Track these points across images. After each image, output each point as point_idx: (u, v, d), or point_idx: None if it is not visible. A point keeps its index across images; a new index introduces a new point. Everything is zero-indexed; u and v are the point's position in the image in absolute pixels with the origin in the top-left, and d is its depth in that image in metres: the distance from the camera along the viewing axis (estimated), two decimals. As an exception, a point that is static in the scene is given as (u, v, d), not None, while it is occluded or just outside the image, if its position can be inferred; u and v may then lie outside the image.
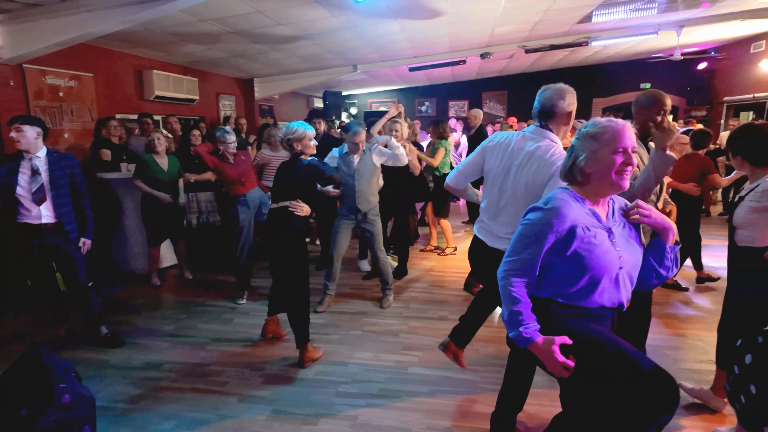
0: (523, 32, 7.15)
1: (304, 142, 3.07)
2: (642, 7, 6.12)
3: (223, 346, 3.37)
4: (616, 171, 1.47)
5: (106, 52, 5.81)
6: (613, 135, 1.47)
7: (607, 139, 1.47)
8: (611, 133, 1.47)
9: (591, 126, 1.52)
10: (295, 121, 3.14)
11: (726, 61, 9.88)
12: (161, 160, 4.45)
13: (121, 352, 3.31)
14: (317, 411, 2.57)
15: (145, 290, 4.61)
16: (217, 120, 8.03)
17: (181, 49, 6.20)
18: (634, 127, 1.53)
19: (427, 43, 7.33)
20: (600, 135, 1.49)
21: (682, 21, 7.06)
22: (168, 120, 5.81)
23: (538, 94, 2.21)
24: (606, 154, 1.47)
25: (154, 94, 6.40)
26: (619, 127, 1.47)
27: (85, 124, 5.45)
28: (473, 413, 2.54)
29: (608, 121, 1.50)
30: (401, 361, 3.11)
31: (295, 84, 9.15)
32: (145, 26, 4.95)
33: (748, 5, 6.45)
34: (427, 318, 3.83)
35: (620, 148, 1.46)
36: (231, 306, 4.14)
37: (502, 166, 2.23)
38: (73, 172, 3.19)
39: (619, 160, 1.46)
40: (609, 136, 1.47)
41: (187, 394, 2.75)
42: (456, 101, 12.90)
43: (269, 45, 6.32)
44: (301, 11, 4.94)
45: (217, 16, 4.90)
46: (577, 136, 1.55)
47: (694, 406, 2.56)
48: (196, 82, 7.28)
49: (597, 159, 1.49)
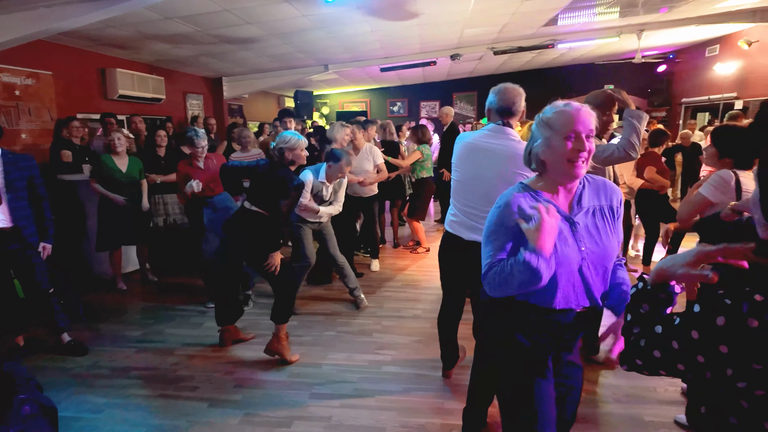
0: (492, 34, 7.28)
1: (296, 152, 3.07)
2: (605, 11, 6.33)
3: (193, 351, 3.30)
4: (568, 158, 1.37)
5: (66, 50, 5.60)
6: (566, 120, 1.37)
7: (560, 124, 1.38)
8: (564, 118, 1.38)
9: (547, 111, 1.43)
10: (288, 131, 3.21)
11: (683, 64, 10.32)
12: (120, 161, 4.31)
13: (85, 359, 3.19)
14: (291, 413, 2.56)
15: (110, 295, 4.46)
16: (184, 120, 7.84)
17: (146, 48, 6.03)
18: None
19: (398, 43, 7.37)
20: (553, 120, 1.40)
21: (642, 25, 7.33)
22: (132, 120, 5.64)
23: (496, 93, 2.28)
24: (558, 140, 1.38)
25: (117, 93, 6.19)
26: (572, 111, 1.37)
27: (44, 124, 5.24)
28: (446, 410, 2.57)
29: (564, 105, 1.41)
30: (375, 361, 3.12)
31: (264, 83, 9.03)
32: (107, 23, 4.79)
33: (703, 11, 6.76)
34: (400, 317, 3.85)
35: (572, 133, 1.36)
36: (200, 310, 4.06)
37: (475, 165, 2.27)
38: (31, 174, 3.05)
39: (569, 146, 1.36)
40: (562, 120, 1.38)
41: (155, 401, 2.69)
42: (427, 102, 13.02)
43: (238, 44, 6.22)
44: (270, 10, 4.88)
45: (184, 14, 4.79)
46: (536, 122, 1.47)
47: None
48: (162, 80, 7.09)
49: (550, 146, 1.39)
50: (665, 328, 0.95)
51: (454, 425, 2.43)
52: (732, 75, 8.50)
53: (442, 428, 2.42)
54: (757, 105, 7.71)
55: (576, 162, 1.37)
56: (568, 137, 1.36)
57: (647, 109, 11.19)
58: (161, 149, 4.81)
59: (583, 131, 1.36)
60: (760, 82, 7.82)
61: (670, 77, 10.79)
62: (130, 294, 4.52)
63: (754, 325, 0.78)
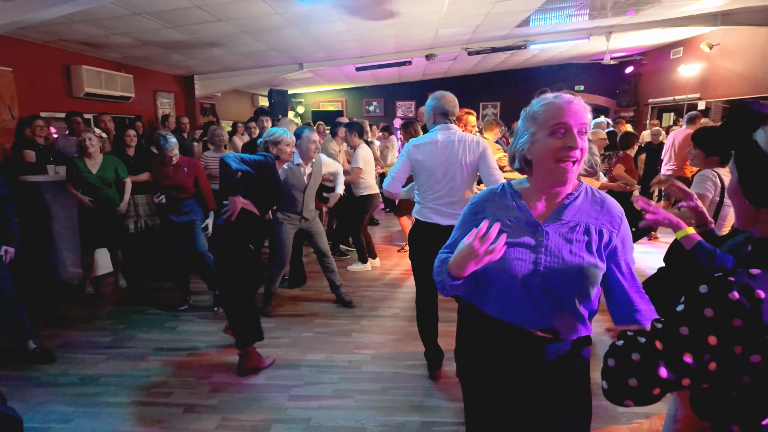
0: (466, 35, 7.36)
1: (280, 146, 3.05)
2: (575, 13, 6.48)
3: (166, 356, 3.22)
4: (556, 157, 1.18)
5: (28, 45, 5.37)
6: (555, 112, 1.18)
7: (548, 118, 1.18)
8: (552, 110, 1.18)
9: (534, 103, 1.25)
10: (275, 127, 3.15)
11: (650, 66, 10.66)
12: (91, 162, 4.17)
13: (51, 367, 3.07)
14: (269, 416, 2.52)
15: (78, 300, 4.31)
16: (154, 119, 7.64)
17: (114, 44, 5.85)
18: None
19: (374, 43, 7.36)
20: (539, 113, 1.21)
21: (611, 27, 7.54)
22: (101, 118, 5.46)
23: (440, 98, 2.67)
24: (545, 136, 1.19)
25: (84, 91, 5.98)
26: (562, 103, 1.18)
27: (4, 123, 5.01)
28: (426, 407, 2.58)
29: (554, 96, 1.21)
30: (354, 361, 3.11)
31: (238, 81, 8.88)
32: (71, 18, 4.61)
33: (668, 15, 7.00)
34: (378, 316, 3.85)
35: (561, 127, 1.17)
36: (174, 314, 3.96)
37: (441, 159, 2.58)
38: None
39: (558, 143, 1.17)
40: (550, 113, 1.18)
41: (127, 408, 2.60)
42: (403, 101, 13.07)
43: (209, 41, 6.10)
44: (242, 7, 4.80)
45: (153, 10, 4.66)
46: (522, 117, 1.29)
47: None
48: (131, 78, 6.88)
49: (536, 142, 1.21)
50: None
51: (434, 422, 2.44)
52: (695, 77, 8.83)
53: (422, 425, 2.43)
54: (719, 105, 8.03)
55: (565, 162, 1.18)
56: (556, 132, 1.18)
57: (616, 109, 11.53)
58: (131, 149, 4.68)
59: (574, 126, 1.16)
60: (721, 84, 8.14)
61: (637, 78, 11.13)
62: (99, 299, 4.37)
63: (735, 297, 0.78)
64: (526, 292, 1.24)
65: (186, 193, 3.89)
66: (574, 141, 1.16)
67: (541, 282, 1.22)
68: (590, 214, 1.25)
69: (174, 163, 3.78)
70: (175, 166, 3.80)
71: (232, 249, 2.90)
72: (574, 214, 1.25)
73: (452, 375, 2.89)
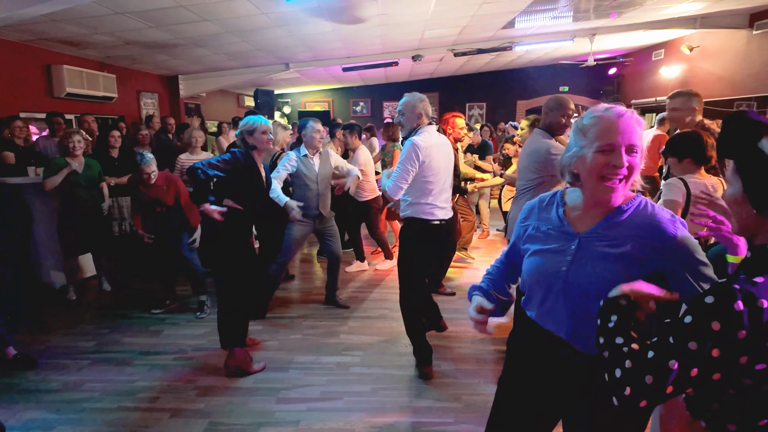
0: (452, 36, 7.39)
1: (255, 135, 2.82)
2: (559, 15, 6.55)
3: (152, 360, 3.18)
4: (599, 174, 1.15)
5: (6, 44, 5.24)
6: (603, 128, 1.14)
7: (595, 133, 1.15)
8: (601, 126, 1.15)
9: (585, 116, 1.21)
10: (251, 115, 2.97)
11: (632, 67, 10.82)
12: (74, 163, 4.09)
13: (33, 374, 3.00)
14: (257, 420, 2.50)
15: (60, 305, 4.22)
16: (138, 119, 7.52)
17: (96, 44, 5.74)
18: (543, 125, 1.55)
19: (360, 43, 7.35)
20: (587, 128, 1.17)
21: (594, 29, 7.64)
22: (84, 119, 5.36)
23: (425, 101, 2.87)
24: (590, 152, 1.16)
25: (65, 91, 5.86)
26: (612, 118, 1.14)
27: (-18, 124, 4.89)
28: (415, 408, 2.59)
29: (605, 109, 1.17)
30: (342, 363, 3.10)
31: (223, 82, 8.79)
32: (52, 17, 4.52)
33: (649, 17, 7.12)
34: (366, 317, 3.85)
35: (606, 145, 1.13)
36: (160, 317, 3.91)
37: (445, 160, 2.84)
38: None
39: (602, 160, 1.14)
40: (598, 128, 1.15)
41: (113, 414, 2.56)
42: (390, 102, 13.06)
43: (194, 41, 6.03)
44: (228, 6, 4.75)
45: (136, 10, 4.58)
46: (573, 128, 1.25)
47: None
48: (113, 78, 6.76)
49: (581, 157, 1.18)
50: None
51: (423, 423, 2.45)
52: (676, 78, 8.99)
53: (412, 426, 2.43)
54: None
55: (610, 180, 1.14)
56: (602, 150, 1.14)
57: (600, 110, 11.68)
58: (114, 150, 4.60)
59: (622, 143, 1.12)
60: (701, 85, 8.30)
61: (620, 80, 11.29)
62: (82, 303, 4.29)
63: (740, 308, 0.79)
64: (552, 299, 1.26)
65: (165, 207, 3.84)
66: (619, 160, 1.12)
67: (565, 290, 1.23)
68: (638, 231, 1.17)
69: (152, 181, 3.70)
70: (153, 184, 3.73)
71: (228, 250, 2.88)
72: (618, 229, 1.19)
73: (442, 374, 2.90)
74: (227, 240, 2.86)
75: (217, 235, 2.86)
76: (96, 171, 4.24)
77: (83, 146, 4.12)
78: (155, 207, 3.79)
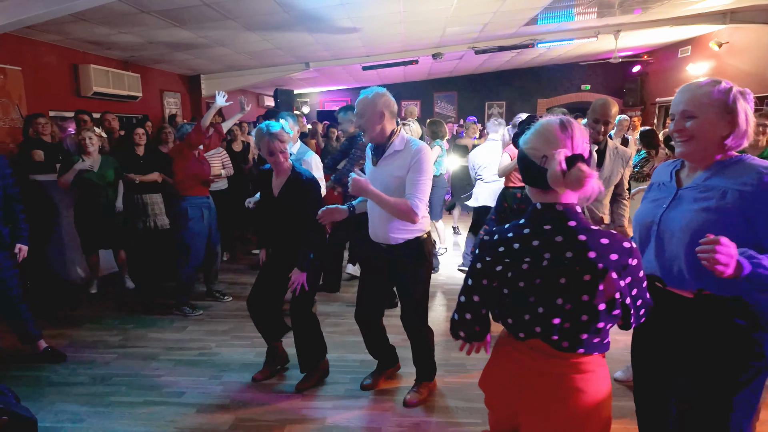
0: (474, 33, 7.31)
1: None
2: (583, 11, 6.43)
3: (177, 356, 3.20)
4: (672, 138, 1.50)
5: (35, 44, 5.36)
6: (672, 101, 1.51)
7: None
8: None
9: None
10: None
11: (657, 65, 10.59)
12: (89, 160, 4.15)
13: (62, 367, 3.05)
14: (283, 417, 2.49)
15: (85, 300, 4.29)
16: (161, 118, 7.63)
17: (120, 43, 5.83)
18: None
19: (381, 41, 7.33)
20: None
21: (619, 25, 7.48)
22: (105, 117, 5.43)
23: (393, 95, 2.48)
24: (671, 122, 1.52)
25: (92, 90, 5.96)
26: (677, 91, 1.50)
27: (12, 122, 5.00)
28: (440, 407, 2.55)
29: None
30: (366, 360, 3.06)
31: (243, 81, 8.86)
32: (78, 17, 4.60)
33: (676, 13, 6.94)
34: (387, 316, 3.79)
35: (671, 114, 1.50)
36: (183, 313, 3.93)
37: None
38: (4, 173, 2.90)
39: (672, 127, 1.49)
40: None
41: (140, 408, 2.58)
42: (408, 101, 13.00)
43: (216, 40, 6.08)
44: (250, 5, 4.78)
45: (160, 8, 4.63)
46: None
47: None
48: (138, 78, 6.87)
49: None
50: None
51: (450, 422, 2.41)
52: (703, 75, 8.77)
53: (437, 426, 2.40)
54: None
55: (677, 142, 1.46)
56: (671, 117, 1.47)
57: (622, 109, 11.45)
58: (140, 148, 4.65)
59: (676, 112, 1.44)
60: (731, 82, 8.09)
61: (644, 77, 11.05)
62: (107, 299, 4.35)
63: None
64: (648, 239, 1.50)
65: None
66: (677, 125, 1.43)
67: (657, 233, 1.46)
68: (733, 179, 1.35)
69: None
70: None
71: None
72: (713, 180, 1.39)
73: (470, 374, 2.86)
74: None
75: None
76: (109, 168, 4.26)
77: (96, 143, 4.17)
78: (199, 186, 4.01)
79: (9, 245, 2.93)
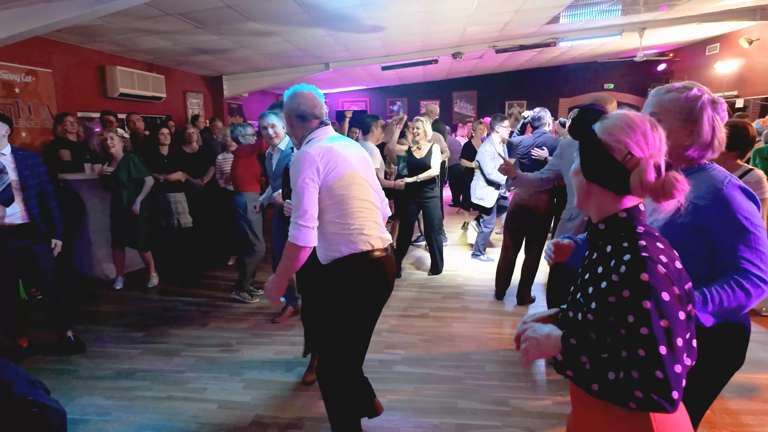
0: (494, 32, 7.24)
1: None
2: (607, 9, 6.31)
3: (200, 352, 3.25)
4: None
5: (64, 47, 5.52)
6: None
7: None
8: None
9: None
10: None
11: (683, 63, 10.32)
12: (113, 160, 4.26)
13: (87, 361, 3.13)
14: (302, 414, 2.51)
15: (109, 296, 4.40)
16: (184, 119, 7.77)
17: (145, 45, 5.96)
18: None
19: (400, 41, 7.32)
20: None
21: (644, 23, 7.31)
22: (130, 118, 5.57)
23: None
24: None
25: (118, 91, 6.12)
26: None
27: (43, 122, 5.16)
28: (460, 409, 2.53)
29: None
30: (385, 360, 3.07)
31: (264, 82, 8.95)
32: (105, 20, 4.72)
33: (704, 9, 6.75)
34: (407, 316, 3.81)
35: None
36: (205, 310, 4.00)
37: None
38: (40, 171, 3.07)
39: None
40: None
41: (163, 403, 2.63)
42: (427, 101, 12.96)
43: (237, 41, 6.16)
44: (271, 6, 4.83)
45: (184, 11, 4.72)
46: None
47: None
48: (162, 79, 7.01)
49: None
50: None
51: (468, 425, 2.39)
52: (732, 73, 8.50)
53: (457, 428, 2.38)
54: (757, 103, 7.72)
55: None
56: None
57: (647, 108, 11.20)
58: (164, 147, 4.75)
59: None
60: (760, 81, 7.82)
61: (670, 76, 10.78)
62: (130, 295, 4.45)
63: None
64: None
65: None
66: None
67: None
68: (696, 191, 1.33)
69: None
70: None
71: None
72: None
73: (489, 376, 2.83)
74: None
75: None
76: (123, 171, 4.24)
77: (117, 143, 4.24)
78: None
79: (47, 239, 3.10)
